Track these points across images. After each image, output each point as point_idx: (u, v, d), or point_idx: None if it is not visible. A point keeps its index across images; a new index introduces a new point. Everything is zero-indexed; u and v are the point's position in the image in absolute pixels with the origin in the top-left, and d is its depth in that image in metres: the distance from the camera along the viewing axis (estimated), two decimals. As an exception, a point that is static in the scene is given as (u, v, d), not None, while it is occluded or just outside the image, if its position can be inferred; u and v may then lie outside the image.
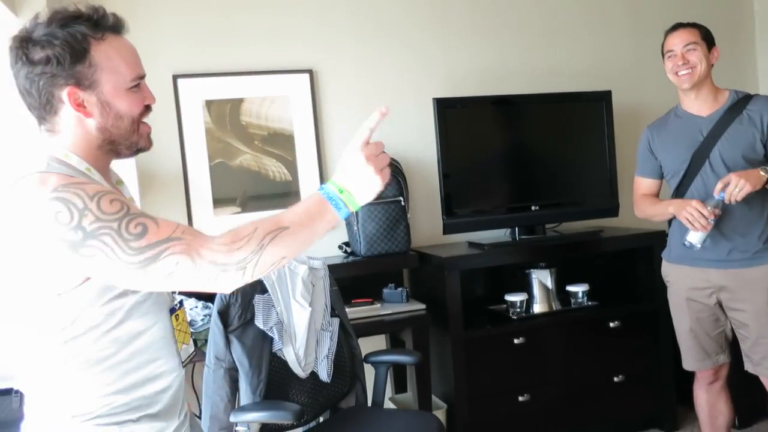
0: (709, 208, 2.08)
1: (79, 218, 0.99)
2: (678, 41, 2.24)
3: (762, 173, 2.05)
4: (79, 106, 1.09)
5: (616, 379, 2.86)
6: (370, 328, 2.61)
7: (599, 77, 3.29)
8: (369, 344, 2.68)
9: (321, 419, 2.30)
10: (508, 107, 3.00)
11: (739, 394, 2.67)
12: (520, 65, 3.24)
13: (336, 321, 2.33)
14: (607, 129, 3.03)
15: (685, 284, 2.30)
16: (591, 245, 2.96)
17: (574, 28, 3.34)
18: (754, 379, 2.33)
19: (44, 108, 1.10)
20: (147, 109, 1.17)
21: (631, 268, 3.03)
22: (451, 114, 2.85)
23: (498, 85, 3.14)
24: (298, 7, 2.92)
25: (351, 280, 2.68)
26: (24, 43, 1.07)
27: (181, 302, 1.31)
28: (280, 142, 2.89)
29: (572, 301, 2.90)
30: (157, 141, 1.23)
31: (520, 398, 2.73)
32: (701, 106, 2.26)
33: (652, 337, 2.92)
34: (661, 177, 2.40)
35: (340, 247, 2.88)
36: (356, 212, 2.74)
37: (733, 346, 2.36)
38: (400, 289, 2.75)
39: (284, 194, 2.89)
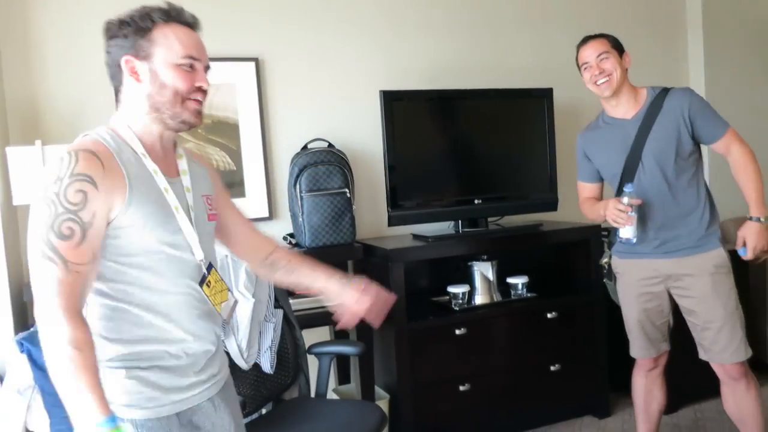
0: (624, 200, 2.18)
1: (44, 192, 1.18)
2: (591, 52, 2.30)
3: (764, 221, 2.19)
4: (133, 72, 1.29)
5: (552, 368, 2.95)
6: (314, 319, 2.60)
7: (542, 75, 3.37)
8: (313, 336, 2.68)
9: (263, 411, 2.29)
10: (454, 102, 3.04)
11: (668, 381, 2.80)
12: (467, 60, 3.28)
13: (279, 312, 2.32)
14: (548, 125, 3.11)
15: (634, 276, 2.36)
16: (531, 238, 3.04)
17: (519, 26, 3.41)
18: (680, 367, 2.45)
19: (114, 78, 1.31)
20: (198, 90, 1.31)
21: (569, 261, 3.13)
22: (398, 107, 2.86)
23: (444, 79, 3.17)
24: (245, -7, 2.88)
25: (295, 272, 2.66)
26: (108, 24, 1.31)
27: (210, 266, 1.36)
28: (225, 131, 2.84)
29: (512, 292, 2.98)
30: (95, 127, 1.30)
31: (461, 388, 2.78)
32: (625, 109, 2.33)
33: (588, 327, 3.03)
34: (601, 180, 2.47)
35: (284, 238, 2.86)
36: (302, 204, 2.73)
37: (672, 335, 2.44)
38: (344, 280, 2.75)
39: (228, 184, 2.84)
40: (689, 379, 2.84)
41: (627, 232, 2.22)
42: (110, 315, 1.26)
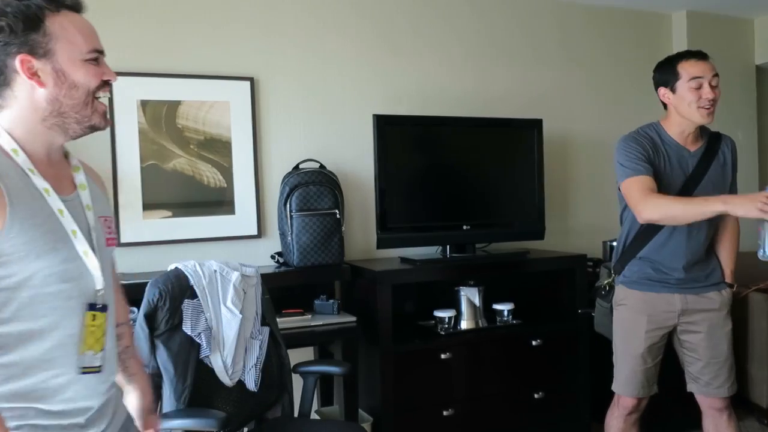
0: None
1: None
2: (708, 70, 2.10)
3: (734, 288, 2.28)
4: (33, 74, 1.09)
5: (536, 395, 2.95)
6: (300, 338, 2.59)
7: (532, 106, 3.44)
8: (297, 356, 2.65)
9: (246, 429, 2.26)
10: (446, 128, 3.08)
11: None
12: (460, 88, 3.34)
13: (266, 330, 2.30)
14: (537, 155, 3.16)
15: (646, 310, 2.26)
16: (517, 266, 3.06)
17: (512, 58, 3.48)
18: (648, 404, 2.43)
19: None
20: (105, 84, 1.17)
21: (554, 289, 3.16)
22: (390, 131, 2.89)
23: (437, 106, 3.22)
24: (243, 14, 2.92)
25: (283, 290, 2.66)
26: None
27: (104, 307, 1.16)
28: (217, 148, 2.85)
29: (498, 318, 2.99)
30: (86, 138, 1.20)
31: (445, 413, 2.77)
32: (691, 141, 2.22)
33: (572, 356, 3.04)
34: None
35: (272, 257, 2.86)
36: (291, 223, 2.73)
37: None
38: (331, 301, 2.75)
39: (218, 202, 2.85)
40: (658, 415, 2.85)
41: None
42: None
